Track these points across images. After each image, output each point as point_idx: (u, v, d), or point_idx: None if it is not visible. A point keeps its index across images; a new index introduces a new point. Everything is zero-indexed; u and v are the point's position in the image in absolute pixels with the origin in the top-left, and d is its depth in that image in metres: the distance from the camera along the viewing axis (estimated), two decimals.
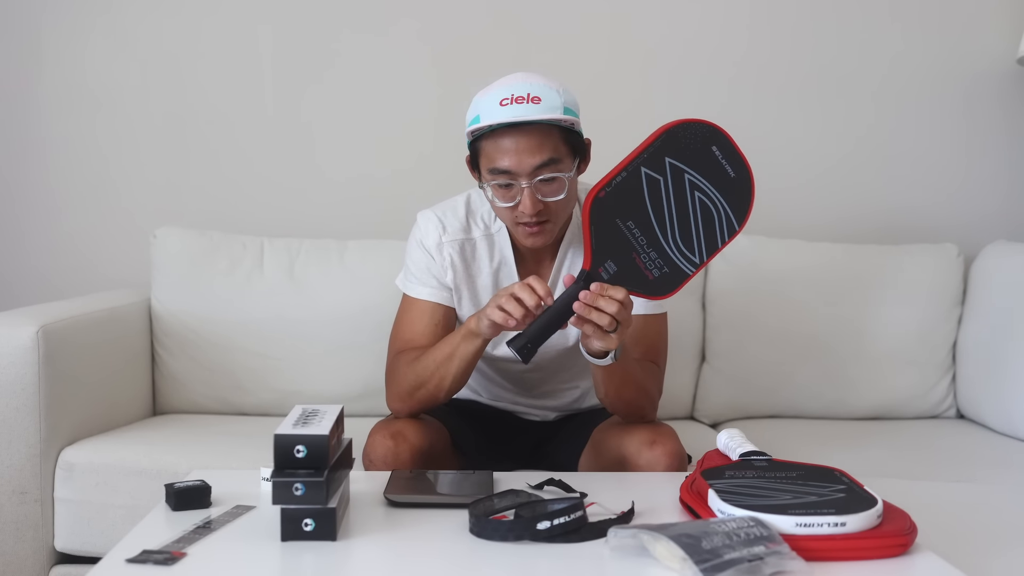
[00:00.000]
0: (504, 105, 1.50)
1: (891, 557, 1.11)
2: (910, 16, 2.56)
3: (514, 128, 1.50)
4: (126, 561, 1.08)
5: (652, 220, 1.37)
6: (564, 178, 1.53)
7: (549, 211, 1.55)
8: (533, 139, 1.50)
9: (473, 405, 1.84)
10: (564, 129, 1.53)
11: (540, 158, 1.50)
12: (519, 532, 1.14)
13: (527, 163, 1.50)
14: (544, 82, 1.53)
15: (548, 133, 1.51)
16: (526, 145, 1.50)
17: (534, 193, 1.52)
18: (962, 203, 2.60)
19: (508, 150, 1.51)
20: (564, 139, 1.53)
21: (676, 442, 1.55)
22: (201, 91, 2.55)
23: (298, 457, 1.14)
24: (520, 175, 1.51)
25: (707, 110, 2.56)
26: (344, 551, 1.13)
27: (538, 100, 1.50)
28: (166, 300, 2.28)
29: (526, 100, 1.50)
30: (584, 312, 1.35)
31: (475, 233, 1.69)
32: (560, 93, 1.53)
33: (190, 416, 2.25)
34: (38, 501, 1.86)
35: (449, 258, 1.67)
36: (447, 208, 1.71)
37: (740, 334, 2.32)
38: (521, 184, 1.52)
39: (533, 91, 1.51)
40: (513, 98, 1.50)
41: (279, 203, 2.55)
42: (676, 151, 1.35)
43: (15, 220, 2.57)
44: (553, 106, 1.50)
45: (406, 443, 1.54)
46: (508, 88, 1.52)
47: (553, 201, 1.54)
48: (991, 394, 2.22)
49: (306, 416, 1.22)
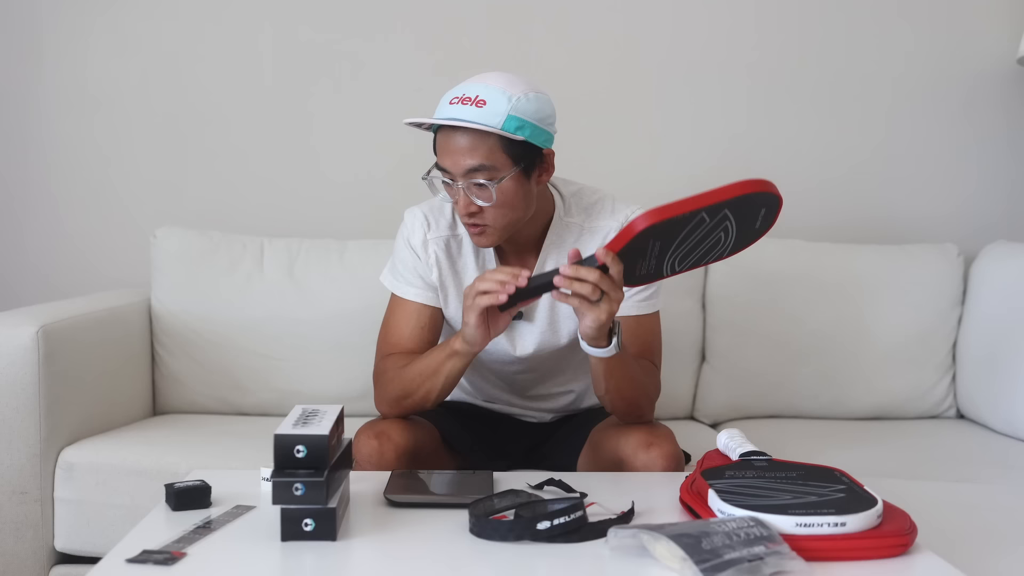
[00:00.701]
0: (452, 104, 1.51)
1: (891, 557, 1.11)
2: (910, 17, 2.56)
3: (455, 129, 1.51)
4: (126, 561, 1.08)
5: (675, 243, 1.37)
6: (490, 187, 1.51)
7: (485, 215, 1.54)
8: (467, 143, 1.50)
9: (468, 406, 1.84)
10: (503, 138, 1.51)
11: (471, 162, 1.50)
12: (519, 532, 1.14)
13: (460, 164, 1.51)
14: (502, 86, 1.51)
15: (482, 139, 1.50)
16: (461, 147, 1.51)
17: (467, 193, 1.53)
18: (962, 203, 2.60)
19: (447, 149, 1.53)
20: (503, 147, 1.51)
21: (673, 444, 1.55)
22: (201, 91, 2.55)
23: (298, 457, 1.14)
24: (456, 175, 1.53)
25: (707, 112, 2.58)
26: (344, 551, 1.13)
27: (483, 103, 1.49)
28: (166, 300, 2.28)
29: (471, 102, 1.50)
30: (565, 284, 1.35)
31: (461, 229, 1.68)
32: (510, 99, 1.50)
33: (190, 416, 2.25)
34: (38, 501, 1.86)
35: (435, 255, 1.67)
36: (435, 204, 1.71)
37: (740, 334, 2.32)
38: (457, 184, 1.53)
39: (483, 93, 1.50)
40: (461, 98, 1.51)
41: (279, 203, 2.55)
42: (736, 206, 1.34)
43: (15, 220, 2.58)
44: (494, 113, 1.49)
45: (390, 443, 1.54)
46: (463, 87, 1.53)
47: (485, 206, 1.53)
48: (991, 394, 2.22)
49: (306, 416, 1.22)
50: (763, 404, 2.34)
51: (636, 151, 2.58)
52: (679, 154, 2.59)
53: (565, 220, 1.67)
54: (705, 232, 1.36)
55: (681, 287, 2.32)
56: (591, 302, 1.36)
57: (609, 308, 1.38)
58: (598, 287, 1.35)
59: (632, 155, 2.58)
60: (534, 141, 1.53)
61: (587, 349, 1.46)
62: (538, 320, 1.68)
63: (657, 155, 2.58)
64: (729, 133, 2.59)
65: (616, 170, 2.50)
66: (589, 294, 1.35)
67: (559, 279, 1.35)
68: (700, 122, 2.58)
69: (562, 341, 1.70)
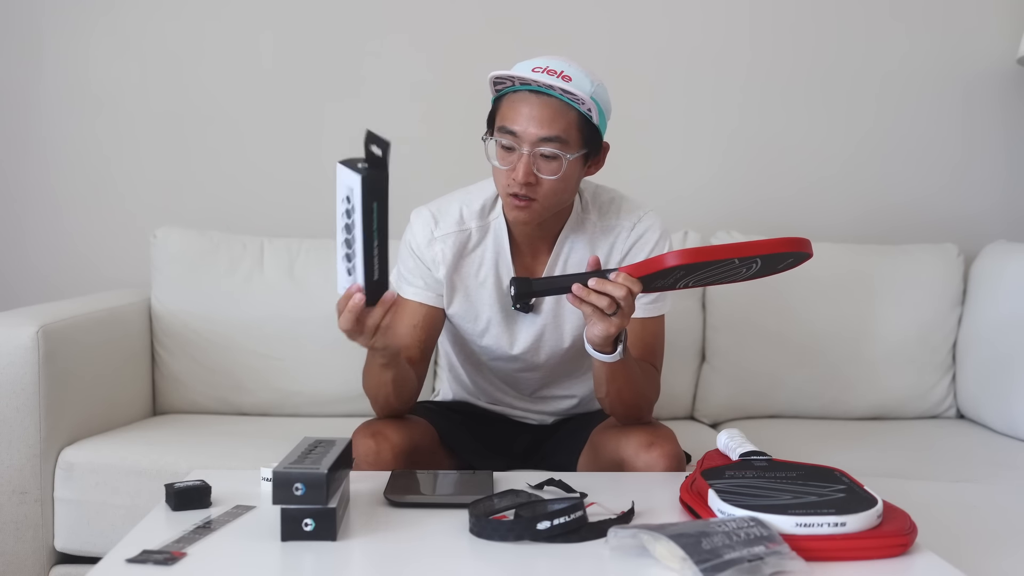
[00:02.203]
0: (535, 72, 1.50)
1: (891, 557, 1.11)
2: (911, 17, 2.57)
3: (534, 95, 1.50)
4: (126, 561, 1.08)
5: (697, 273, 1.38)
6: (564, 159, 1.51)
7: (539, 189, 1.53)
8: (547, 111, 1.49)
9: (469, 407, 1.84)
10: (582, 116, 1.52)
11: (548, 131, 1.50)
12: (519, 532, 1.14)
13: (533, 132, 1.50)
14: (583, 70, 1.52)
15: (564, 112, 1.50)
16: (539, 114, 1.50)
17: (530, 163, 1.51)
18: (962, 203, 2.60)
19: (521, 113, 1.51)
20: (579, 125, 1.52)
21: (674, 444, 1.55)
22: (201, 91, 2.55)
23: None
24: (524, 141, 1.51)
25: (707, 112, 2.58)
26: (344, 551, 1.13)
27: (569, 79, 1.49)
28: (166, 300, 2.28)
29: (557, 75, 1.49)
30: (584, 294, 1.36)
31: (471, 224, 1.67)
32: (593, 84, 1.52)
33: (190, 416, 2.25)
34: (38, 501, 1.86)
35: (440, 252, 1.66)
36: (442, 203, 1.70)
37: (740, 334, 2.32)
38: (522, 150, 1.51)
39: (568, 70, 1.50)
40: (546, 69, 1.50)
41: (279, 203, 2.55)
42: (769, 256, 1.37)
43: (16, 220, 2.58)
44: (580, 88, 1.50)
45: (387, 442, 1.54)
46: (547, 61, 1.52)
47: (546, 179, 1.52)
48: (991, 394, 2.22)
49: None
50: (763, 404, 2.34)
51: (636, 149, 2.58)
52: (679, 154, 2.59)
53: (582, 216, 1.67)
54: (730, 269, 1.38)
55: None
56: (605, 314, 1.37)
57: (620, 322, 1.39)
58: (616, 302, 1.36)
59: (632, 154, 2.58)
60: (602, 129, 1.56)
61: (591, 352, 1.47)
62: (543, 313, 1.68)
63: (657, 155, 2.58)
64: (728, 133, 2.59)
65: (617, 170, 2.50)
66: (606, 307, 1.36)
67: (581, 289, 1.36)
68: (700, 122, 2.59)
69: (565, 340, 1.69)
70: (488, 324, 1.68)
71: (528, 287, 1.43)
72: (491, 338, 1.69)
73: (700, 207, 2.56)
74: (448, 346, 1.81)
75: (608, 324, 1.39)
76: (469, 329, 1.70)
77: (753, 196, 2.59)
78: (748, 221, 2.49)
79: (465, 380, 1.82)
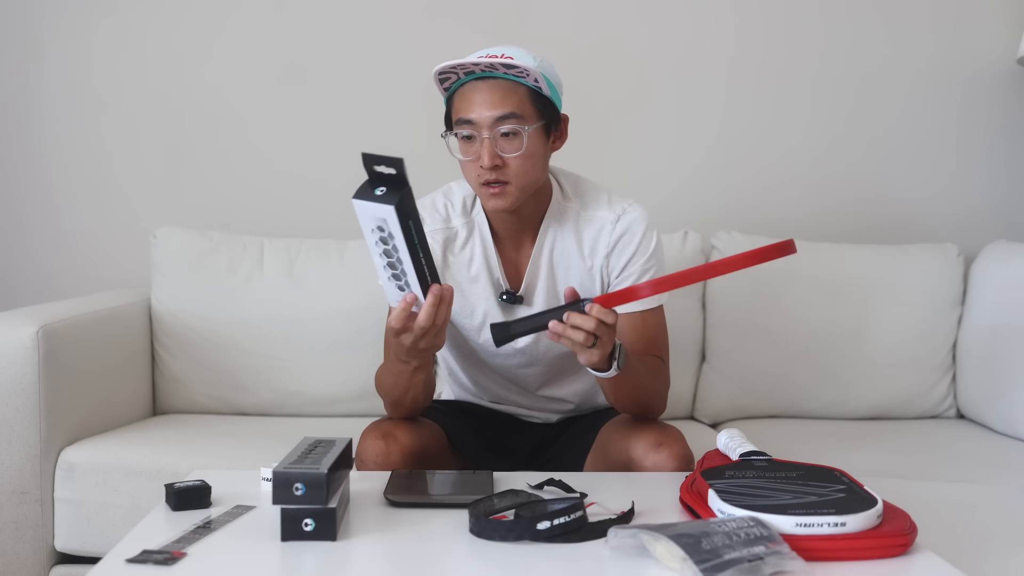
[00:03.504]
0: (479, 60, 1.53)
1: (891, 557, 1.11)
2: (911, 16, 2.57)
3: (480, 81, 1.52)
4: (126, 561, 1.08)
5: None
6: (523, 132, 1.52)
7: (508, 170, 1.54)
8: (497, 92, 1.52)
9: (474, 407, 1.84)
10: (533, 91, 1.54)
11: (501, 110, 1.51)
12: (519, 532, 1.14)
13: (487, 115, 1.52)
14: (523, 50, 1.55)
15: (513, 88, 1.52)
16: (489, 97, 1.52)
17: (492, 145, 1.52)
18: (962, 203, 2.60)
19: (472, 101, 1.53)
20: (531, 98, 1.54)
21: (683, 444, 1.55)
22: (201, 91, 2.55)
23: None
24: (481, 126, 1.52)
25: (706, 110, 2.58)
26: (344, 551, 1.13)
27: (510, 59, 1.52)
28: (166, 300, 2.28)
29: (499, 58, 1.52)
30: (560, 330, 1.36)
31: (455, 222, 1.68)
32: (535, 60, 1.54)
33: (190, 416, 2.25)
34: (38, 501, 1.86)
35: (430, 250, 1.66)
36: (426, 201, 1.70)
37: (740, 334, 2.32)
38: (483, 135, 1.52)
39: (508, 52, 1.53)
40: (487, 55, 1.53)
41: (279, 203, 2.55)
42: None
43: (16, 219, 2.58)
44: (523, 62, 1.52)
45: (396, 444, 1.54)
46: (487, 51, 1.55)
47: (512, 157, 1.53)
48: (991, 394, 2.22)
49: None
50: (763, 404, 2.34)
51: (637, 150, 2.58)
52: (680, 154, 2.59)
53: (563, 204, 1.67)
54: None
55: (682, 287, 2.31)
56: (585, 346, 1.38)
57: (601, 352, 1.39)
58: (592, 335, 1.36)
59: (632, 154, 2.58)
60: (555, 101, 1.57)
61: (590, 371, 1.47)
62: (536, 306, 1.68)
63: (657, 155, 2.58)
64: (728, 134, 2.59)
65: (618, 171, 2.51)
66: (583, 342, 1.36)
67: (557, 325, 1.36)
68: (700, 122, 2.58)
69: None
70: (485, 319, 1.68)
71: (507, 332, 1.41)
72: (488, 334, 1.69)
73: (700, 207, 2.56)
74: (446, 349, 1.81)
75: (590, 354, 1.39)
76: (466, 325, 1.70)
77: (753, 196, 2.59)
78: (748, 221, 2.49)
79: (466, 382, 1.82)
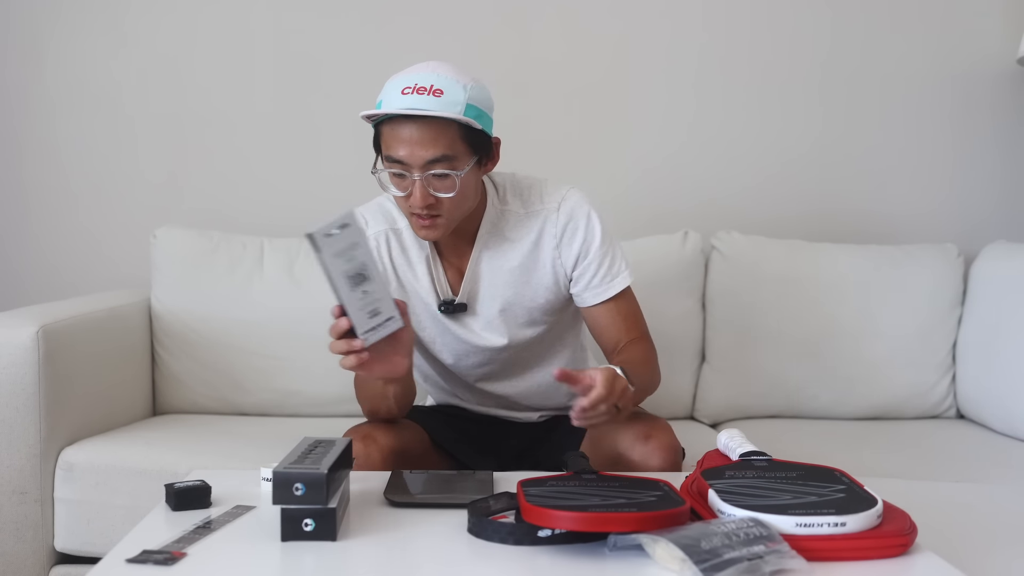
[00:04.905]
0: (405, 94, 1.47)
1: (891, 557, 1.11)
2: (911, 16, 2.57)
3: (411, 119, 1.46)
4: (126, 561, 1.08)
5: None
6: (455, 176, 1.49)
7: (441, 206, 1.52)
8: (428, 133, 1.46)
9: (457, 409, 1.84)
10: (464, 127, 1.49)
11: (433, 152, 1.47)
12: (519, 537, 1.14)
13: (419, 156, 1.47)
14: (453, 75, 1.48)
15: (444, 129, 1.47)
16: (420, 137, 1.46)
17: (425, 186, 1.49)
18: (962, 203, 2.60)
19: (403, 140, 1.48)
20: (463, 137, 1.49)
21: (670, 436, 1.56)
22: (201, 91, 2.55)
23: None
24: (413, 167, 1.49)
25: (706, 110, 2.58)
26: (344, 551, 1.13)
27: (440, 93, 1.46)
28: (166, 300, 2.28)
29: (427, 92, 1.46)
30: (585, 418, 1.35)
31: (400, 223, 1.66)
32: (466, 88, 1.48)
33: (190, 416, 2.25)
34: (38, 501, 1.86)
35: (376, 252, 1.64)
36: (372, 203, 1.69)
37: (740, 334, 2.32)
38: (413, 176, 1.49)
39: (438, 83, 1.47)
40: (415, 88, 1.46)
41: (279, 203, 2.55)
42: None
43: (16, 220, 2.58)
44: (453, 102, 1.46)
45: (376, 445, 1.54)
46: (413, 77, 1.48)
47: (444, 197, 1.50)
48: (991, 394, 2.22)
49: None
50: (763, 404, 2.34)
51: (639, 150, 2.58)
52: (679, 154, 2.59)
53: (500, 208, 1.65)
54: None
55: (682, 288, 2.32)
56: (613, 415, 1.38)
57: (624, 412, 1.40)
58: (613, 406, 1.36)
59: (634, 153, 2.58)
60: (487, 130, 1.53)
61: None
62: (481, 315, 1.67)
63: (657, 155, 2.58)
64: (727, 134, 2.59)
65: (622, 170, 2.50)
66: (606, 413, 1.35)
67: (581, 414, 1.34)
68: (700, 122, 2.59)
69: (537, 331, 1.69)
70: (432, 327, 1.68)
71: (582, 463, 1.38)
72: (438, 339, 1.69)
73: (700, 207, 2.56)
74: (421, 360, 1.79)
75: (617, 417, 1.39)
76: (424, 338, 1.70)
77: (753, 196, 2.58)
78: (749, 221, 2.49)
79: (443, 384, 1.81)
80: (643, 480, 1.26)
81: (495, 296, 1.66)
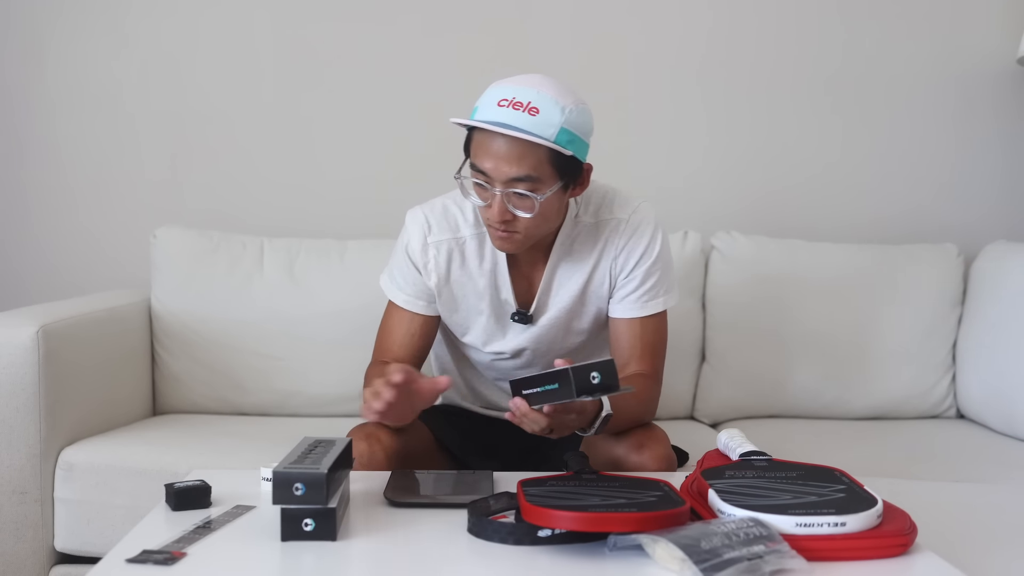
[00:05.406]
0: (501, 106, 1.44)
1: (891, 557, 1.11)
2: (910, 16, 2.56)
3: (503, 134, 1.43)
4: (126, 561, 1.08)
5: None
6: (535, 199, 1.46)
7: (518, 223, 1.49)
8: (515, 150, 1.43)
9: (463, 410, 1.84)
10: (554, 151, 1.45)
11: (517, 171, 1.44)
12: (519, 537, 1.14)
13: (503, 172, 1.44)
14: (554, 95, 1.44)
15: (533, 149, 1.43)
16: (506, 153, 1.43)
17: (504, 202, 1.46)
18: (962, 203, 2.60)
19: (490, 153, 1.45)
20: (551, 160, 1.45)
21: (665, 446, 1.55)
22: (201, 91, 2.55)
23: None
24: (495, 180, 1.46)
25: (706, 111, 2.58)
26: (344, 551, 1.13)
27: (535, 112, 1.42)
28: (166, 300, 2.28)
29: (523, 108, 1.42)
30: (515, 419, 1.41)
31: (464, 232, 1.64)
32: (564, 111, 1.44)
33: (190, 416, 2.25)
34: (38, 501, 1.86)
35: (433, 259, 1.63)
36: (436, 205, 1.66)
37: (740, 334, 2.32)
38: (495, 190, 1.46)
39: (536, 101, 1.43)
40: (512, 102, 1.43)
41: (279, 203, 2.55)
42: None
43: (16, 220, 2.57)
44: (548, 123, 1.42)
45: (379, 444, 1.54)
46: (513, 90, 1.45)
47: (522, 216, 1.48)
48: (991, 394, 2.22)
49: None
50: (763, 404, 2.34)
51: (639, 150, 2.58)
52: (679, 154, 2.59)
53: (575, 221, 1.64)
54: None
55: (682, 288, 2.31)
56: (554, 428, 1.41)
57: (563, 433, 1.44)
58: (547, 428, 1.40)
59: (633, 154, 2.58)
60: (580, 156, 1.50)
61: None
62: (538, 325, 1.67)
63: (657, 155, 2.58)
64: (727, 134, 2.59)
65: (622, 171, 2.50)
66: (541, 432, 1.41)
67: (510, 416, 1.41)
68: (700, 123, 2.58)
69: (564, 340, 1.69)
70: (483, 332, 1.68)
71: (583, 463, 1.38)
72: (482, 342, 1.69)
73: (700, 207, 2.56)
74: (443, 349, 1.80)
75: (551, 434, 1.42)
76: (458, 332, 1.70)
77: (753, 196, 2.58)
78: (749, 221, 2.49)
79: (459, 383, 1.81)
80: (643, 480, 1.26)
81: (560, 309, 1.66)
